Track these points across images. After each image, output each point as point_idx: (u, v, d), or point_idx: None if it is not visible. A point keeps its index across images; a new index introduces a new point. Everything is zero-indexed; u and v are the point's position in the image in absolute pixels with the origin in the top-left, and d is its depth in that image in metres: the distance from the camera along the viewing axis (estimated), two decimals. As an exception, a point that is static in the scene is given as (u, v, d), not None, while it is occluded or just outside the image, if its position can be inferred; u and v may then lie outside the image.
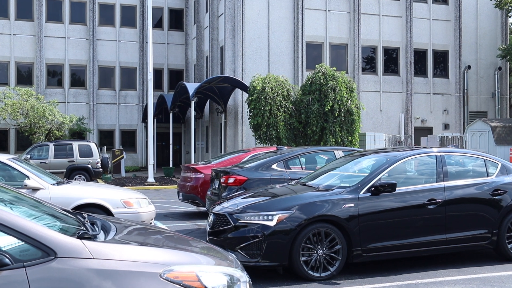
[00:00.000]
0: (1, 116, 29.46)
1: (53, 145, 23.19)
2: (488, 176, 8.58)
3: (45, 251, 3.45)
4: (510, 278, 7.36)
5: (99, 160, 23.17)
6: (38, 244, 3.46)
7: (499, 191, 8.31)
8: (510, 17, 34.02)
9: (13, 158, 9.70)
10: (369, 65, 31.26)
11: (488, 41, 33.19)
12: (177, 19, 39.68)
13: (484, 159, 8.82)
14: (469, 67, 32.43)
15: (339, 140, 23.49)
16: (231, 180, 10.80)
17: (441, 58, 32.56)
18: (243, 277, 4.01)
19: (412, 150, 8.74)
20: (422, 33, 31.83)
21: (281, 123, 23.60)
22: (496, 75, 33.07)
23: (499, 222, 8.23)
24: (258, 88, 23.52)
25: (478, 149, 24.54)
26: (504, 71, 33.64)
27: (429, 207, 7.84)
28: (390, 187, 7.58)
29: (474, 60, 32.91)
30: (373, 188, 7.61)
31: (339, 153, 11.65)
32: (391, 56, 31.58)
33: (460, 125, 32.21)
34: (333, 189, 7.78)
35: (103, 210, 9.25)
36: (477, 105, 33.02)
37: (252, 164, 11.27)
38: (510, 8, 31.18)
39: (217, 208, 7.99)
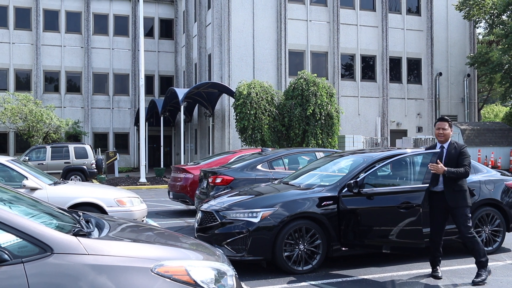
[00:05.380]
0: (1, 120, 29.22)
1: (50, 147, 23.01)
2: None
3: (42, 248, 3.44)
4: (478, 270, 7.42)
5: (93, 161, 23.03)
6: (36, 241, 3.44)
7: (468, 189, 8.39)
8: (477, 28, 34.35)
9: (12, 160, 9.61)
10: (347, 71, 31.39)
11: (458, 50, 33.49)
12: (167, 29, 39.57)
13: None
14: (440, 74, 32.69)
15: (320, 142, 23.55)
16: (218, 180, 10.79)
17: (414, 65, 32.79)
18: (229, 271, 4.02)
19: (388, 151, 8.77)
20: (397, 42, 32.03)
21: (265, 126, 23.62)
22: (465, 82, 33.38)
23: (468, 217, 8.30)
24: (244, 93, 23.52)
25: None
26: (473, 78, 33.95)
27: (403, 204, 7.87)
28: (367, 186, 7.61)
29: (445, 68, 33.18)
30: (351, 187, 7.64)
31: (319, 154, 11.67)
32: (368, 63, 31.74)
33: (433, 128, 32.40)
34: (313, 188, 7.80)
35: (98, 208, 9.19)
36: (448, 109, 33.29)
37: (238, 165, 11.27)
38: (477, 19, 31.50)
39: (204, 206, 7.97)
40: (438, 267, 7.19)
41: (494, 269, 7.46)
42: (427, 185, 7.53)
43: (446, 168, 6.90)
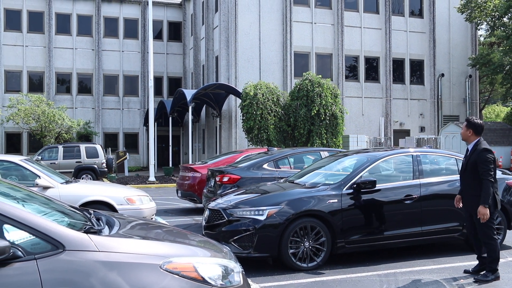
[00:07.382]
0: (15, 121, 29.33)
1: (62, 147, 23.09)
2: (459, 173, 8.60)
3: (54, 245, 3.45)
4: (480, 267, 7.38)
5: (104, 160, 23.09)
6: (48, 238, 3.45)
7: (469, 188, 8.34)
8: (479, 29, 34.20)
9: (25, 159, 9.66)
10: (352, 73, 31.32)
11: (460, 52, 33.35)
12: (175, 31, 39.62)
13: (455, 158, 8.85)
14: (442, 75, 32.56)
15: (325, 142, 23.51)
16: (225, 179, 10.79)
17: (417, 66, 32.67)
18: (236, 267, 4.02)
19: (391, 150, 8.75)
20: (400, 44, 31.93)
21: (271, 126, 23.60)
22: (467, 82, 33.23)
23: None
24: (250, 94, 23.52)
25: (451, 149, 24.64)
26: (474, 79, 33.80)
27: (406, 202, 7.87)
28: (370, 184, 7.59)
29: (447, 69, 33.05)
30: (355, 185, 7.62)
31: (324, 154, 11.64)
32: (371, 64, 31.67)
33: (435, 128, 32.33)
34: (318, 186, 7.78)
35: (108, 206, 9.21)
36: (450, 110, 33.16)
37: (245, 164, 11.26)
38: (479, 21, 31.36)
39: (212, 204, 7.97)
40: (480, 266, 6.94)
41: (495, 266, 7.42)
42: (430, 181, 7.54)
43: (480, 206, 6.52)
